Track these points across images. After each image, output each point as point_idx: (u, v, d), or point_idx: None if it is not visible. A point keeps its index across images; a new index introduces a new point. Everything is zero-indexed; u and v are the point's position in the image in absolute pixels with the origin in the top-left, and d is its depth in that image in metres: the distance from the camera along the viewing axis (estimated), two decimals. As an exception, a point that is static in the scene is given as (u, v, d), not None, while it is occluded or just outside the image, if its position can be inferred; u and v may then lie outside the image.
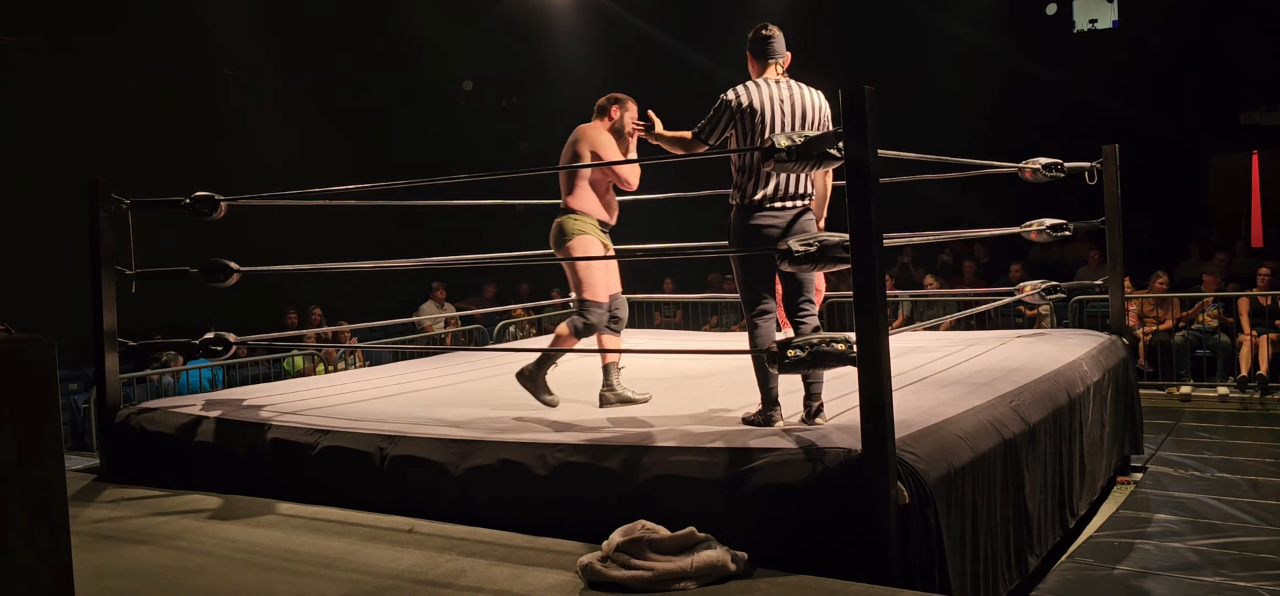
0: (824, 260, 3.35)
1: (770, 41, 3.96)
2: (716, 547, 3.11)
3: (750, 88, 3.88)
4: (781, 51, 3.97)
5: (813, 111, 3.91)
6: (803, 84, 3.95)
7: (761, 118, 3.82)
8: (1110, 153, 5.96)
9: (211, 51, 12.03)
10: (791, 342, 3.37)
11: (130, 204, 5.13)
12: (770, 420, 3.86)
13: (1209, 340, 8.87)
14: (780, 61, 3.98)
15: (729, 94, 3.89)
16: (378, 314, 8.72)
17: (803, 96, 3.90)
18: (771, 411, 3.88)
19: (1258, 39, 12.68)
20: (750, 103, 3.84)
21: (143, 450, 4.92)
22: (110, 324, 5.08)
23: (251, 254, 5.51)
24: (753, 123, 3.83)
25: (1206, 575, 4.11)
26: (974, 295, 9.35)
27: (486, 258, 6.75)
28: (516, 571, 3.25)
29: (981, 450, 3.61)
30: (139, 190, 5.34)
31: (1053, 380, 4.70)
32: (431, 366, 6.39)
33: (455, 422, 4.28)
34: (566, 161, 4.74)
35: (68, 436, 8.52)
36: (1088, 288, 8.06)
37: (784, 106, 3.85)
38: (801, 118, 3.87)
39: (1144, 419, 6.14)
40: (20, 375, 2.07)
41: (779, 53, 3.97)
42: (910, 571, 3.08)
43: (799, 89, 3.91)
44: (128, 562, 3.59)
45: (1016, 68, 13.34)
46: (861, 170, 3.16)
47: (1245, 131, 12.82)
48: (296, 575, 3.35)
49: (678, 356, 5.80)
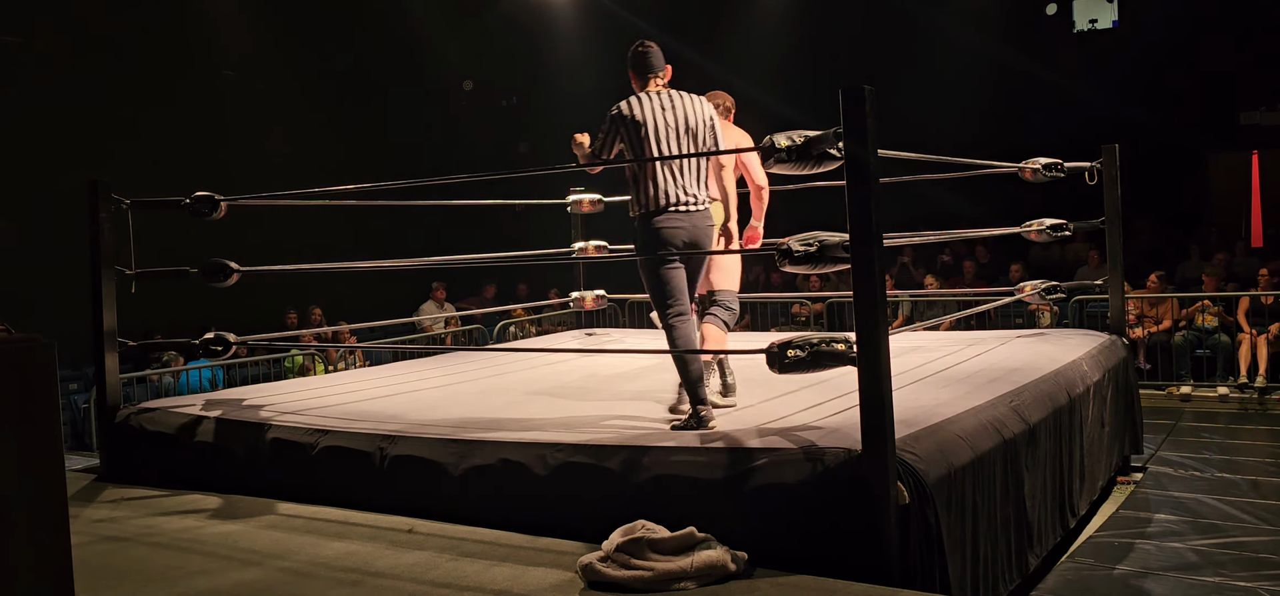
0: (824, 260, 3.35)
1: (648, 56, 4.16)
2: (716, 547, 3.11)
3: (635, 101, 4.07)
4: (660, 65, 4.17)
5: (696, 120, 4.10)
6: (688, 94, 4.14)
7: (646, 129, 4.01)
8: (1110, 153, 5.96)
9: (211, 51, 12.03)
10: (792, 343, 3.37)
11: (130, 204, 5.13)
12: (702, 421, 3.88)
13: (1209, 340, 8.87)
14: (660, 75, 4.17)
15: (616, 109, 4.07)
16: (378, 314, 8.71)
17: (686, 106, 4.09)
18: (700, 409, 3.91)
19: (1258, 39, 12.68)
20: (634, 115, 4.03)
21: (143, 450, 4.92)
22: (110, 324, 5.08)
23: (251, 254, 5.51)
24: (639, 135, 4.02)
25: (1206, 575, 4.11)
26: (974, 295, 9.35)
27: (486, 257, 6.75)
28: (516, 571, 3.25)
29: (981, 450, 3.61)
30: (139, 190, 5.34)
31: (1053, 380, 4.70)
32: (431, 366, 6.39)
33: (455, 422, 4.28)
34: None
35: (68, 436, 8.52)
36: (1088, 288, 8.06)
37: (668, 115, 4.05)
38: (686, 126, 4.07)
39: (1144, 419, 6.15)
40: (20, 375, 2.07)
41: (657, 67, 4.17)
42: (910, 571, 3.08)
43: (682, 99, 4.11)
44: (128, 562, 3.59)
45: (1016, 68, 13.34)
46: (861, 170, 3.15)
47: (1245, 131, 12.82)
48: (296, 575, 3.35)
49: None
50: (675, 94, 4.12)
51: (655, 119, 4.02)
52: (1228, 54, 12.98)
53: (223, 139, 11.77)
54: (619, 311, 10.52)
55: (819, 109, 4.88)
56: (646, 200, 4.04)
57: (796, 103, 11.06)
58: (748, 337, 7.26)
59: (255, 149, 11.59)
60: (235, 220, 5.49)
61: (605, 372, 5.63)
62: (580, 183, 8.34)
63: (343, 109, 13.25)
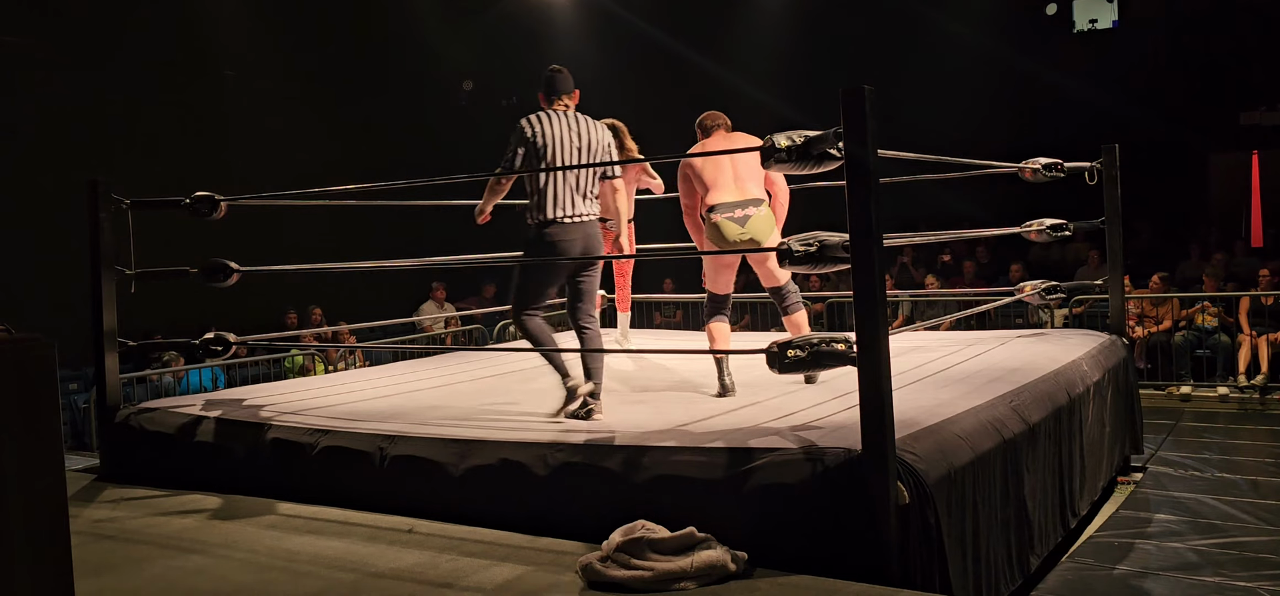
0: (824, 260, 3.35)
1: (556, 79, 4.52)
2: (716, 547, 3.11)
3: (540, 118, 4.40)
4: (569, 88, 4.53)
5: (596, 143, 4.44)
6: (590, 119, 4.49)
7: (546, 145, 4.34)
8: (1110, 153, 5.96)
9: (211, 51, 12.03)
10: (792, 343, 3.37)
11: (130, 204, 5.13)
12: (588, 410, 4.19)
13: (1209, 340, 8.87)
14: (568, 97, 4.52)
15: (523, 123, 4.38)
16: (378, 314, 8.72)
17: (586, 129, 4.44)
18: (577, 388, 4.23)
19: (1258, 39, 12.69)
20: (536, 132, 4.35)
21: (143, 450, 4.92)
22: (110, 324, 5.08)
23: (251, 254, 5.51)
24: (538, 149, 4.34)
25: (1206, 575, 4.11)
26: (974, 295, 9.34)
27: (487, 257, 6.74)
28: (516, 571, 3.25)
29: (982, 450, 3.61)
30: (139, 190, 5.34)
31: (1053, 380, 4.70)
32: (431, 366, 6.39)
33: (455, 422, 4.28)
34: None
35: (68, 436, 8.52)
36: (1088, 288, 8.06)
37: (570, 134, 4.39)
38: (585, 146, 4.41)
39: (1144, 419, 6.14)
40: (20, 375, 2.07)
41: (565, 89, 4.52)
42: (910, 571, 3.08)
43: (585, 122, 4.45)
44: (128, 562, 3.58)
45: (1016, 68, 13.34)
46: (861, 170, 3.15)
47: (1245, 131, 12.83)
48: (296, 575, 3.35)
49: (678, 356, 5.80)
50: (580, 117, 4.47)
51: (557, 136, 4.36)
52: (1228, 54, 12.98)
53: (223, 139, 11.77)
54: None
55: (819, 109, 4.89)
56: (543, 210, 4.35)
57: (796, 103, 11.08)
58: (748, 337, 7.26)
59: (255, 149, 11.59)
60: (235, 220, 5.48)
61: (604, 372, 5.62)
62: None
63: (343, 109, 13.24)
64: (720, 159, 4.69)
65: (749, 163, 4.66)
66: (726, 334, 4.94)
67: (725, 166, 4.70)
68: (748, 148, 4.14)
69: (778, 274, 4.77)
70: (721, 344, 4.86)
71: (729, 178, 4.68)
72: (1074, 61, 13.39)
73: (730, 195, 4.64)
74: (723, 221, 4.60)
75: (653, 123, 14.73)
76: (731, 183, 4.67)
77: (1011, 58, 13.32)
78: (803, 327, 4.86)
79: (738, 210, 4.60)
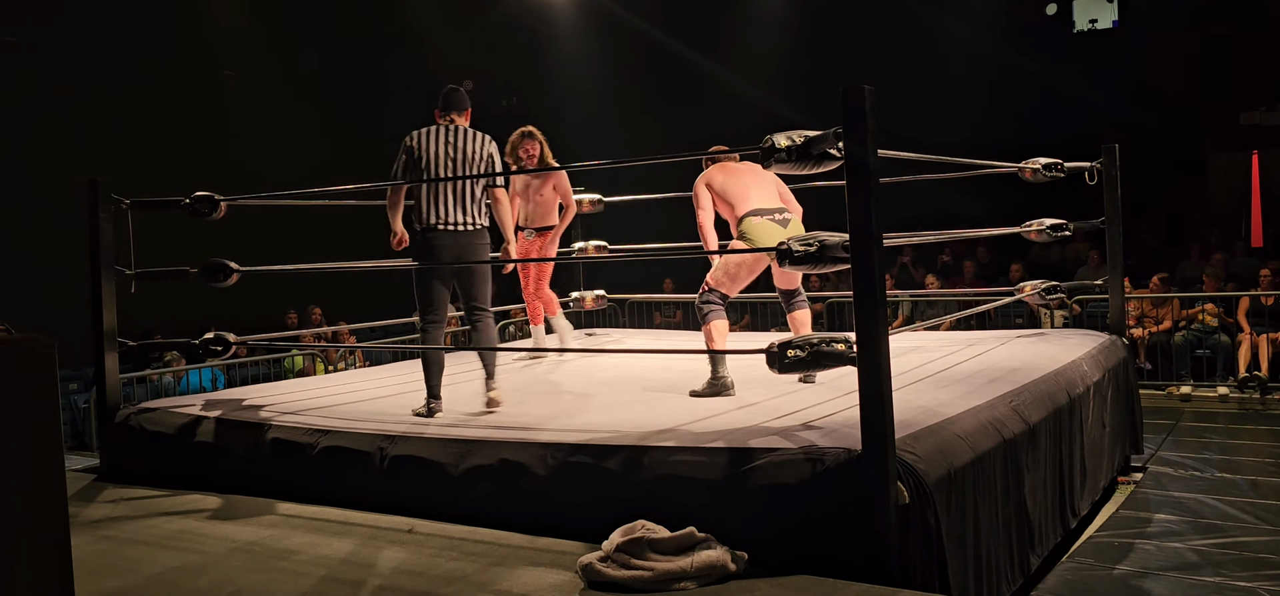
0: (824, 260, 3.35)
1: (449, 97, 4.82)
2: (716, 547, 3.11)
3: (422, 132, 4.70)
4: (460, 107, 4.81)
5: (472, 154, 4.68)
6: (481, 133, 4.74)
7: (421, 156, 4.64)
8: (1110, 153, 5.96)
9: (211, 51, 12.03)
10: (792, 342, 3.37)
11: (130, 204, 5.13)
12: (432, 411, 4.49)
13: (1209, 340, 8.87)
14: (458, 114, 4.79)
15: (407, 137, 4.68)
16: (378, 314, 8.71)
17: (464, 142, 4.69)
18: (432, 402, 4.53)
19: (1258, 39, 12.68)
20: (414, 144, 4.66)
21: (143, 450, 4.92)
22: (110, 324, 5.08)
23: (251, 254, 5.51)
24: (416, 160, 4.64)
25: (1206, 575, 4.11)
26: (974, 295, 9.34)
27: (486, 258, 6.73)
28: (516, 571, 3.25)
29: (982, 450, 3.61)
30: (139, 190, 5.34)
31: (1053, 380, 4.69)
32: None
33: (455, 422, 4.28)
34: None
35: (68, 436, 8.53)
36: (1088, 288, 8.06)
37: (447, 147, 4.66)
38: (460, 158, 4.65)
39: (1144, 419, 6.14)
40: (20, 375, 2.07)
41: (455, 107, 4.80)
42: (910, 571, 3.07)
43: (467, 135, 4.71)
44: (128, 562, 3.59)
45: (1017, 68, 13.34)
46: (861, 170, 3.15)
47: (1245, 131, 12.82)
48: (296, 575, 3.35)
49: (678, 356, 5.80)
50: (463, 130, 4.72)
51: (433, 149, 4.64)
52: (1228, 54, 12.98)
53: (223, 139, 11.77)
54: (619, 311, 10.52)
55: (819, 109, 4.89)
56: (422, 218, 4.64)
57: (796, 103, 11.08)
58: (748, 337, 7.26)
59: (255, 149, 11.58)
60: (235, 220, 5.48)
61: (605, 373, 5.63)
62: (580, 183, 8.34)
63: (343, 108, 13.24)
64: (742, 177, 4.85)
65: (768, 182, 4.86)
66: (726, 332, 4.94)
67: (748, 180, 4.84)
68: (753, 156, 4.23)
69: (793, 275, 4.89)
70: (721, 342, 4.86)
71: (756, 190, 4.82)
72: (1074, 61, 13.39)
73: (766, 202, 4.78)
74: (764, 223, 4.71)
75: (652, 122, 14.78)
76: (760, 193, 4.82)
77: (1011, 58, 13.32)
78: (805, 325, 4.96)
79: (777, 214, 4.75)
